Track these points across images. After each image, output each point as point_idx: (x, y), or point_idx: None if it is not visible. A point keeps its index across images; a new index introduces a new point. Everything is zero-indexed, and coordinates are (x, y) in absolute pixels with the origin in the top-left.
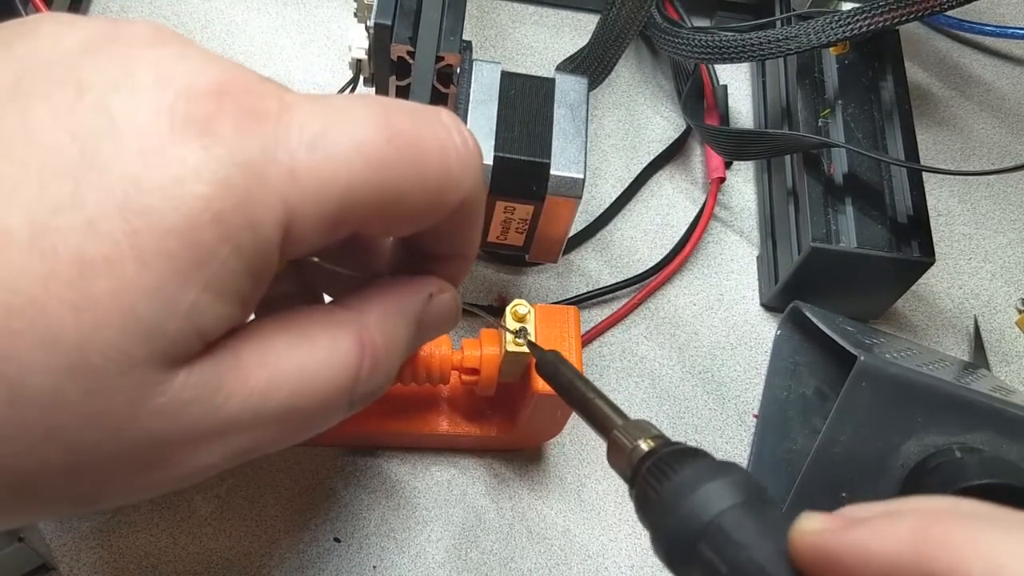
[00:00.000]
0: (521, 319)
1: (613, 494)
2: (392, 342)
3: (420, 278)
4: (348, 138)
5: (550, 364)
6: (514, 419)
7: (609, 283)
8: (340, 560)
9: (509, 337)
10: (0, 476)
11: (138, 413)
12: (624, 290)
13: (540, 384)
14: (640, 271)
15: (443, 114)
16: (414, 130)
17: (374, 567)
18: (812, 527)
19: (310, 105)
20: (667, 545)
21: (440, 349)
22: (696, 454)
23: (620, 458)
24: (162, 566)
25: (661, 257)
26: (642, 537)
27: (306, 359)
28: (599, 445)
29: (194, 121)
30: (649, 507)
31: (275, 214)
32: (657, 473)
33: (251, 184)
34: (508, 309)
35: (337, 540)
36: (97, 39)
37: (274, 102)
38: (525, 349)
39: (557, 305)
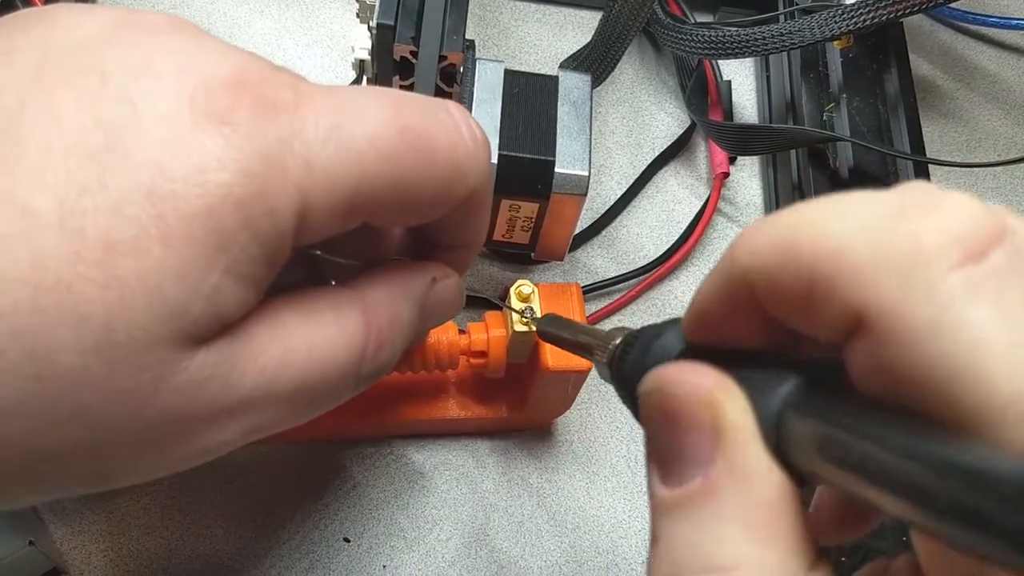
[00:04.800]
0: (526, 299)
1: (625, 467)
2: (396, 322)
3: (424, 262)
4: (361, 131)
5: (544, 326)
6: (524, 398)
7: (622, 288)
8: (350, 560)
9: (515, 317)
10: (24, 454)
11: (159, 391)
12: (627, 283)
13: (549, 361)
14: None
15: (451, 107)
16: (424, 124)
17: (384, 567)
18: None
19: (324, 97)
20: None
21: (447, 334)
22: (649, 327)
23: (603, 366)
24: (172, 568)
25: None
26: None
27: (315, 336)
28: (607, 416)
29: (214, 111)
30: (624, 390)
31: (292, 202)
32: (622, 356)
33: (270, 173)
34: (512, 290)
35: (347, 540)
36: (115, 27)
37: (290, 93)
38: (533, 328)
39: (559, 284)
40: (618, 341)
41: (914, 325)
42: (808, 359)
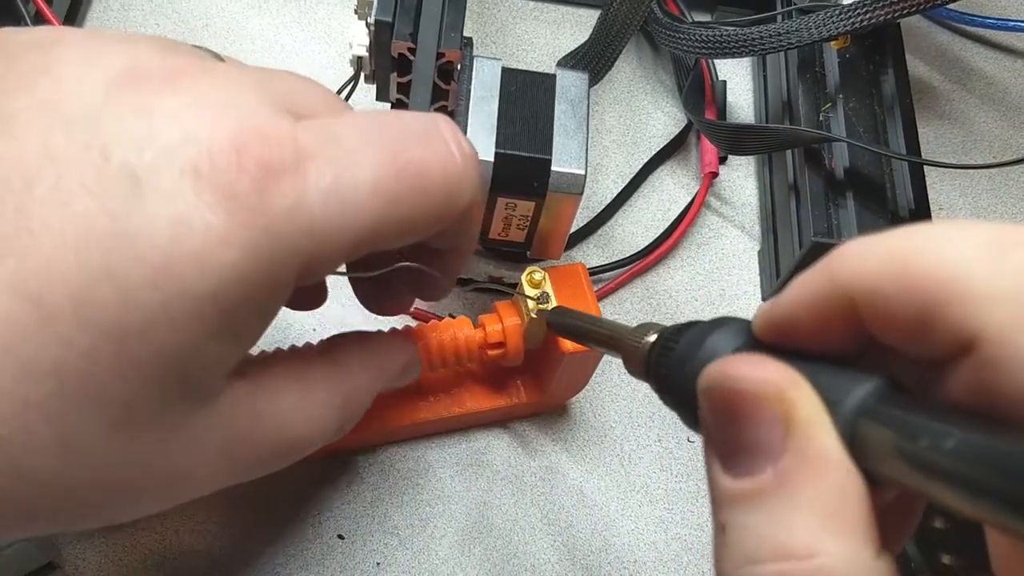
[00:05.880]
0: (537, 285)
1: (618, 466)
2: (368, 399)
3: (402, 344)
4: (362, 182)
5: (557, 319)
6: (542, 384)
7: (607, 278)
8: (344, 557)
9: (531, 304)
10: (37, 514)
11: (169, 450)
12: (609, 273)
13: (568, 345)
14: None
15: (441, 125)
16: (420, 159)
17: (377, 564)
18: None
19: (323, 150)
20: (692, 411)
21: (464, 331)
22: (694, 323)
23: (634, 362)
24: (167, 564)
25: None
26: (655, 516)
27: (306, 415)
28: (600, 416)
29: (217, 183)
30: (666, 386)
31: (292, 268)
32: (663, 352)
33: (273, 246)
34: (523, 277)
35: (341, 537)
36: (117, 86)
37: (289, 152)
38: (543, 318)
39: (564, 265)
40: (652, 338)
41: None
42: (879, 367)
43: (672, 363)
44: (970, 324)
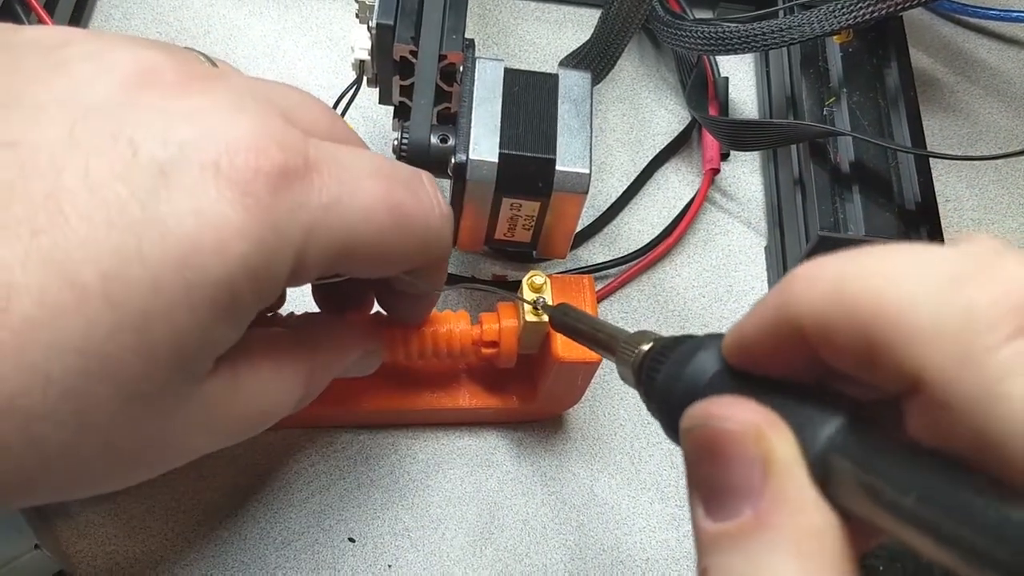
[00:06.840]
0: (538, 289)
1: (628, 464)
2: (327, 379)
3: (366, 334)
4: (358, 204)
5: (559, 316)
6: (535, 389)
7: (612, 274)
8: (355, 560)
9: (527, 308)
10: (41, 483)
11: (167, 424)
12: (612, 269)
13: (560, 352)
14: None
15: (425, 180)
16: (409, 204)
17: (389, 566)
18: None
19: (330, 165)
20: (673, 423)
21: (460, 325)
22: (687, 338)
23: (627, 369)
24: (178, 570)
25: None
26: (661, 522)
27: (277, 391)
28: (610, 413)
29: (236, 180)
30: (652, 397)
31: (290, 264)
32: (653, 364)
33: (278, 241)
34: (524, 281)
35: (352, 540)
36: (131, 87)
37: (301, 160)
38: (543, 318)
39: (572, 275)
40: (646, 348)
41: (968, 394)
42: (850, 397)
43: (660, 376)
44: (912, 365)
